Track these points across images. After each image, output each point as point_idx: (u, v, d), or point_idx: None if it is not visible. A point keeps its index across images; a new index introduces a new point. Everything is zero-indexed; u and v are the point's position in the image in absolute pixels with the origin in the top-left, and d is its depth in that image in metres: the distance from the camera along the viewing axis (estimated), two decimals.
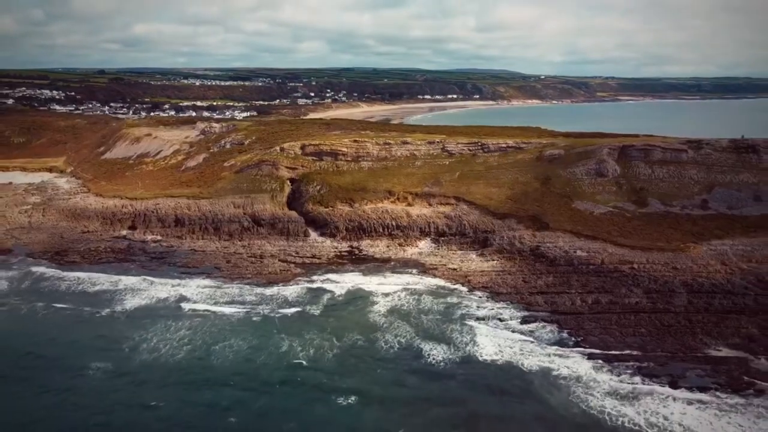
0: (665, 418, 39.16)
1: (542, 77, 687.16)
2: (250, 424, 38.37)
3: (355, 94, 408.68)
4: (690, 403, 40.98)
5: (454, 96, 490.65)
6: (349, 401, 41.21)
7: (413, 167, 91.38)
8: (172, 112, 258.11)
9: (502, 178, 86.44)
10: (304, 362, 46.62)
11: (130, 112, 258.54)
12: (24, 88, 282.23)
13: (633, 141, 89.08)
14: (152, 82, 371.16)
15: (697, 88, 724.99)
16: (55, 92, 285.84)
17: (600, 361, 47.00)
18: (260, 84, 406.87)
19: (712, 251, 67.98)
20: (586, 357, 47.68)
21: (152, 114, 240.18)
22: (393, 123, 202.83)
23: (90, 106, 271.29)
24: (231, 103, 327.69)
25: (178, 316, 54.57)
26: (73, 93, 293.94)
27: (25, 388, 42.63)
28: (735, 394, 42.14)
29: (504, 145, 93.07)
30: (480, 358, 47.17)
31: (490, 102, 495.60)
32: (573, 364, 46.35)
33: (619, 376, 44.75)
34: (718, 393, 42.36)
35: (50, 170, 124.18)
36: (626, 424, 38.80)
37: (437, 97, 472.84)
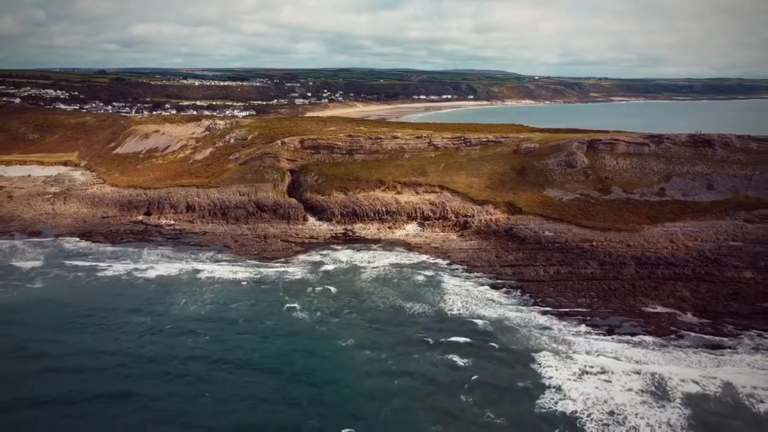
0: (597, 351, 48.25)
1: (536, 78, 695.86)
2: (270, 361, 47.01)
3: (352, 95, 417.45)
4: (620, 342, 50.10)
5: (449, 96, 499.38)
6: (348, 343, 50.04)
7: (402, 159, 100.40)
8: (174, 112, 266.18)
9: (482, 169, 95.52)
10: (306, 317, 55.53)
11: (133, 111, 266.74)
12: (29, 88, 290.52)
13: (600, 136, 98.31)
14: (152, 82, 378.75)
15: (689, 89, 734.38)
16: (59, 92, 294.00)
17: (552, 316, 56.04)
18: (258, 84, 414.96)
19: (663, 231, 77.27)
20: (540, 312, 56.72)
21: (154, 113, 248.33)
22: (388, 121, 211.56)
23: (94, 105, 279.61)
24: (230, 103, 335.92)
25: (197, 283, 63.55)
26: (76, 93, 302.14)
27: (85, 336, 51.52)
28: (659, 338, 51.21)
29: (485, 140, 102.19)
30: (449, 312, 56.37)
31: (485, 102, 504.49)
32: (528, 316, 55.40)
33: (565, 325, 53.78)
34: (645, 337, 51.44)
35: (65, 164, 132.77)
36: (561, 350, 47.99)
37: (432, 97, 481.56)
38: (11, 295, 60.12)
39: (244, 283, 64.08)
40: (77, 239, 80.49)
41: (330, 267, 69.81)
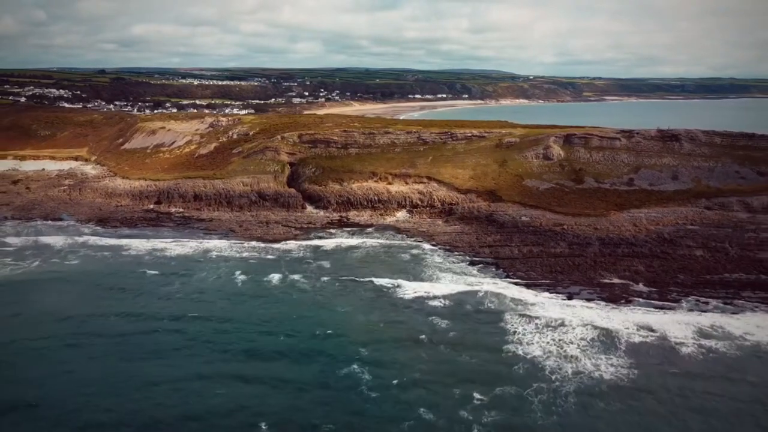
0: (556, 312, 56.24)
1: (531, 78, 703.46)
2: (278, 323, 54.66)
3: (348, 94, 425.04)
4: (577, 305, 58.15)
5: (444, 96, 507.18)
6: (345, 309, 57.77)
7: (393, 153, 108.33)
8: (174, 110, 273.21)
9: (467, 162, 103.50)
10: (306, 287, 63.36)
11: (135, 109, 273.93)
12: (32, 87, 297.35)
13: (576, 131, 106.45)
14: (152, 82, 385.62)
15: (681, 88, 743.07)
16: (62, 91, 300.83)
17: (521, 286, 64.01)
18: (256, 84, 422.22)
19: (629, 217, 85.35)
20: (511, 283, 64.71)
21: (156, 111, 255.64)
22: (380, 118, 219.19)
23: (96, 104, 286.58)
24: (228, 102, 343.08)
25: (209, 260, 71.52)
26: (78, 92, 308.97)
27: (120, 301, 59.68)
28: (611, 303, 59.23)
29: (470, 134, 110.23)
30: (427, 283, 64.46)
31: (479, 101, 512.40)
32: (499, 286, 63.39)
33: (532, 293, 61.79)
34: (598, 302, 59.46)
35: (76, 159, 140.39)
36: (526, 313, 56.04)
37: (428, 96, 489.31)
38: (53, 269, 68.56)
39: (251, 260, 72.08)
40: (95, 225, 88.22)
41: (326, 247, 77.70)
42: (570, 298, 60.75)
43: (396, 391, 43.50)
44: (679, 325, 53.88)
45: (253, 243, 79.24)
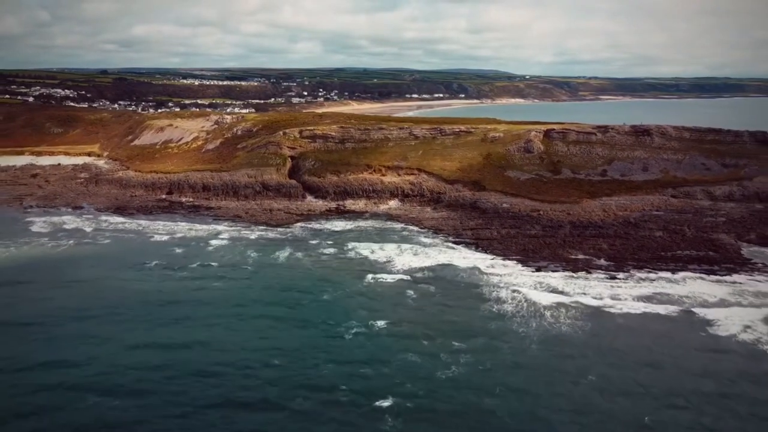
0: (526, 280, 64.89)
1: (527, 77, 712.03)
2: (289, 284, 63.44)
3: (346, 93, 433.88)
4: (544, 275, 66.78)
5: (440, 95, 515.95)
6: (344, 277, 66.02)
7: (387, 147, 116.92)
8: (177, 109, 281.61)
9: (454, 155, 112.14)
10: (309, 260, 71.99)
11: (139, 109, 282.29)
12: (39, 87, 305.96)
13: (555, 126, 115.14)
14: (153, 82, 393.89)
15: (675, 87, 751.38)
16: (67, 91, 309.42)
17: (497, 260, 72.65)
18: (256, 84, 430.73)
19: (600, 204, 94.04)
20: (488, 258, 73.34)
21: (159, 111, 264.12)
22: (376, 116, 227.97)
23: (101, 103, 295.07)
24: (230, 102, 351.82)
25: (222, 240, 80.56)
26: (83, 92, 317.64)
27: (146, 275, 67.80)
28: (574, 273, 67.84)
29: (458, 130, 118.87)
30: (417, 256, 73.13)
31: (475, 101, 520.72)
32: (477, 260, 72.05)
33: (505, 265, 70.43)
34: (564, 273, 68.01)
35: (89, 154, 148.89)
36: (500, 281, 64.67)
37: (424, 96, 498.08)
38: (88, 247, 77.64)
39: (259, 239, 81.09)
40: (114, 212, 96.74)
41: (324, 230, 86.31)
42: (539, 270, 69.28)
43: (386, 338, 51.86)
44: (628, 290, 62.50)
45: (260, 226, 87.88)
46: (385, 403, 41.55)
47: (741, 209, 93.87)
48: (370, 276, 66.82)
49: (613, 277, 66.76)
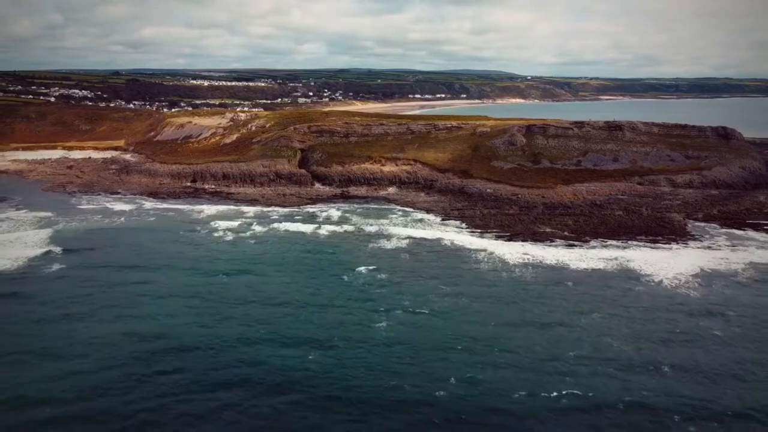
0: (501, 247, 78.24)
1: (528, 78, 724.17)
2: (308, 254, 76.44)
3: (351, 94, 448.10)
4: (515, 244, 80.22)
5: (443, 96, 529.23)
6: (351, 243, 79.82)
7: (386, 141, 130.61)
8: (189, 109, 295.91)
9: (447, 148, 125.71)
10: (320, 234, 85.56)
11: (154, 108, 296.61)
12: (58, 88, 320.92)
13: (536, 122, 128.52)
14: (164, 83, 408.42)
15: (675, 88, 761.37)
16: (84, 91, 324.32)
17: (477, 233, 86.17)
18: (263, 84, 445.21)
19: (572, 189, 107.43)
20: (469, 232, 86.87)
21: (173, 110, 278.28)
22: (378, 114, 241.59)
23: (117, 103, 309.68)
24: (238, 102, 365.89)
25: (242, 218, 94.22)
26: (99, 92, 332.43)
27: (186, 246, 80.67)
28: (539, 242, 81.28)
29: (450, 126, 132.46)
30: (409, 229, 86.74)
31: (476, 101, 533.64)
32: (461, 232, 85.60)
33: (483, 236, 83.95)
34: (531, 242, 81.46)
35: (116, 149, 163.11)
36: (479, 247, 78.09)
37: (427, 96, 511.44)
38: (137, 223, 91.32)
39: (274, 216, 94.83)
40: (147, 197, 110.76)
41: (330, 211, 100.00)
42: (511, 239, 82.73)
43: (385, 286, 65.00)
44: (583, 253, 75.94)
45: (276, 207, 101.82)
46: (381, 325, 55.20)
47: (697, 194, 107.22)
48: (371, 244, 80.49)
49: (572, 246, 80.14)
